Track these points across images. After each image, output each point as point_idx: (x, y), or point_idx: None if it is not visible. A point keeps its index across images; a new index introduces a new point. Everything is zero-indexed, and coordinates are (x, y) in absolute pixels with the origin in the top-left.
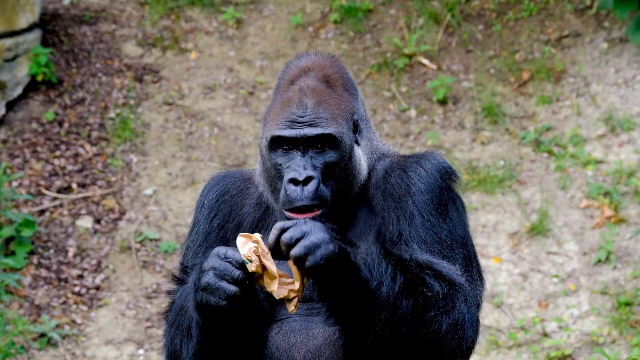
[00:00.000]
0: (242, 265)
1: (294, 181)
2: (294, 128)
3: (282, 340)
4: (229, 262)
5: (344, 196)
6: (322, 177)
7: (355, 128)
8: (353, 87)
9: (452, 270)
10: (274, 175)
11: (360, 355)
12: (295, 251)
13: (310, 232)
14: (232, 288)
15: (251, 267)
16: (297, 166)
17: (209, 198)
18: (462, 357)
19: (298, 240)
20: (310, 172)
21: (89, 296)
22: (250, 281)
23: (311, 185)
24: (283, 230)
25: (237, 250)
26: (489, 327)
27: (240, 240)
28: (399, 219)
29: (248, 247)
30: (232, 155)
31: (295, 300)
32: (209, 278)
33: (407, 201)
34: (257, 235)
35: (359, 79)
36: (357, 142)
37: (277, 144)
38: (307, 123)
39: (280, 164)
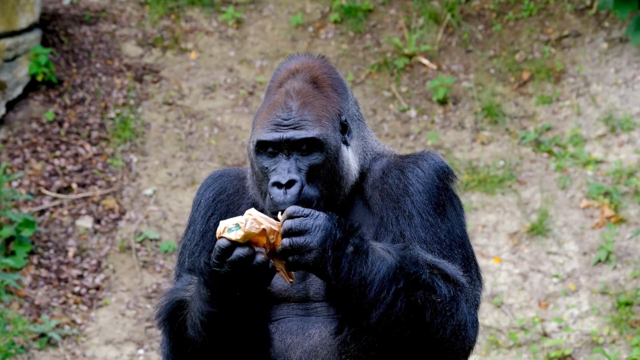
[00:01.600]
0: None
1: (277, 184)
2: (278, 132)
3: (279, 340)
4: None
5: (331, 197)
6: (306, 179)
7: (344, 129)
8: (342, 87)
9: (455, 270)
10: (262, 179)
11: (358, 351)
12: (285, 242)
13: (311, 231)
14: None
15: (236, 235)
16: (282, 169)
17: (205, 197)
18: (464, 357)
19: (297, 232)
20: (294, 176)
21: (89, 296)
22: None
23: (294, 189)
24: (290, 216)
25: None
26: (489, 327)
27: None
28: (397, 219)
29: (238, 218)
30: (232, 155)
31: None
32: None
33: (406, 201)
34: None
35: (359, 79)
36: (345, 143)
37: (262, 147)
38: (292, 126)
39: (267, 167)
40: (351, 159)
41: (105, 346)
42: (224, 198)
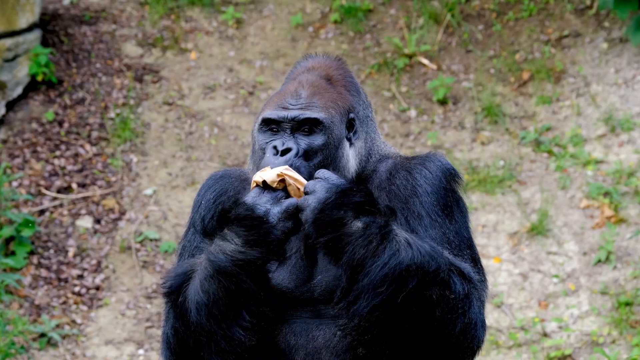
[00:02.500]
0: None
1: (274, 148)
2: (284, 111)
3: (282, 341)
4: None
5: None
6: (304, 156)
7: (351, 127)
8: (355, 89)
9: (470, 268)
10: (260, 156)
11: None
12: (300, 201)
13: (315, 192)
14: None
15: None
16: (283, 139)
17: (206, 198)
18: (471, 356)
19: (307, 192)
20: (292, 146)
21: (89, 296)
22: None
23: (288, 155)
24: (315, 177)
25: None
26: (489, 327)
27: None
28: (407, 219)
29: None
30: (232, 155)
31: None
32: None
33: (415, 202)
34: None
35: (359, 79)
36: (349, 141)
37: (266, 124)
38: (298, 107)
39: (267, 142)
40: (351, 158)
41: (105, 346)
42: (224, 200)
